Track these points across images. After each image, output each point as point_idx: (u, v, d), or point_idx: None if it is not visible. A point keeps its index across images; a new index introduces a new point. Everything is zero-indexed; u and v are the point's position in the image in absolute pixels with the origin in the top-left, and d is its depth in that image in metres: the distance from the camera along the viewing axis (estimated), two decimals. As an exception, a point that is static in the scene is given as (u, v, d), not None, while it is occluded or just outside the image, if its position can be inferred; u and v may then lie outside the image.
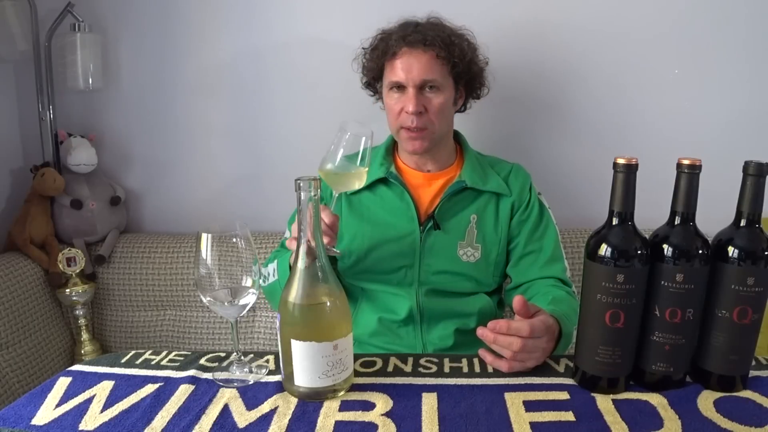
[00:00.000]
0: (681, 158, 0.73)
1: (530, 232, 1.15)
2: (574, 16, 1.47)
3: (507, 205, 1.15)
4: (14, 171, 1.61)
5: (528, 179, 1.20)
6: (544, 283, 1.10)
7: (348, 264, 1.17)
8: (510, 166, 1.21)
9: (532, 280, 1.12)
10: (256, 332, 1.52)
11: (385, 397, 0.77)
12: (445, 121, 1.13)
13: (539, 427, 0.70)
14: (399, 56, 1.08)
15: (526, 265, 1.14)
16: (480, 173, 1.16)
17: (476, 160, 1.19)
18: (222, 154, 1.65)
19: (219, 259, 0.79)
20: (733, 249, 0.74)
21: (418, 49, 1.07)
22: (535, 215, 1.16)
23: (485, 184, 1.15)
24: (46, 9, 1.52)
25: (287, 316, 0.76)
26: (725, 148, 1.35)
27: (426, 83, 1.07)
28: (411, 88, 1.07)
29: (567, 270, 1.15)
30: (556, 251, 1.15)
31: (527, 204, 1.16)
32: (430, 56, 1.07)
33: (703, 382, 0.79)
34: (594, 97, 1.52)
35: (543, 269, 1.12)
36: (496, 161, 1.22)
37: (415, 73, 1.07)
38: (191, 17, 1.56)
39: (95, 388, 0.81)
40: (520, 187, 1.17)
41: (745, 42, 1.45)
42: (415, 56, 1.07)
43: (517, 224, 1.15)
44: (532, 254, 1.14)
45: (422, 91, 1.08)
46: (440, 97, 1.09)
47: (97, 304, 1.58)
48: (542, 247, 1.14)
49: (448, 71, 1.10)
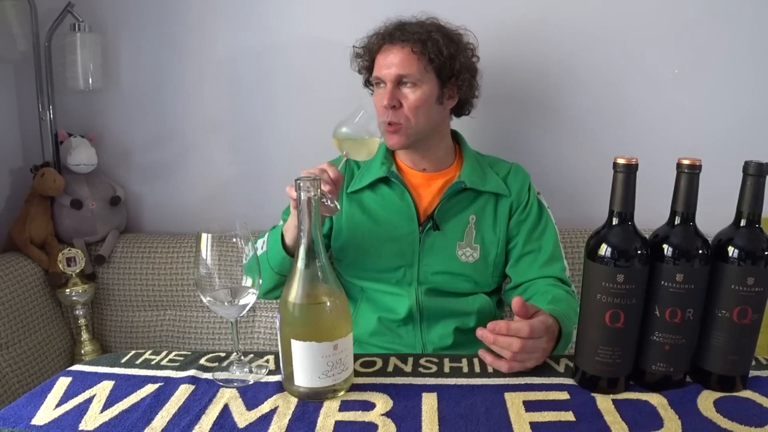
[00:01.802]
0: (681, 158, 0.73)
1: (529, 232, 1.15)
2: (574, 16, 1.47)
3: (506, 205, 1.15)
4: (14, 171, 1.61)
5: (527, 179, 1.19)
6: (543, 283, 1.10)
7: (347, 260, 1.17)
8: (509, 166, 1.21)
9: (532, 280, 1.12)
10: (256, 332, 1.52)
11: (385, 397, 0.77)
12: (424, 117, 1.10)
13: (539, 427, 0.70)
14: (380, 52, 1.11)
15: (525, 264, 1.14)
16: (479, 173, 1.16)
17: (475, 160, 1.19)
18: (222, 154, 1.65)
19: (219, 259, 0.79)
20: (733, 249, 0.74)
21: (396, 45, 1.09)
22: (533, 215, 1.16)
23: (484, 184, 1.15)
24: (46, 9, 1.52)
25: (287, 316, 0.76)
26: (725, 148, 1.35)
27: (401, 77, 1.08)
28: (388, 83, 1.08)
29: (566, 270, 1.15)
30: (556, 251, 1.15)
31: (526, 204, 1.16)
32: (406, 51, 1.08)
33: (703, 382, 0.79)
34: (594, 97, 1.52)
35: (542, 269, 1.12)
36: (495, 161, 1.22)
37: (392, 68, 1.08)
38: (191, 17, 1.56)
39: (95, 388, 0.81)
40: (519, 187, 1.17)
41: (745, 42, 1.45)
42: (393, 52, 1.09)
43: (516, 224, 1.16)
44: (532, 254, 1.14)
45: (398, 87, 1.09)
46: (417, 92, 1.08)
47: (97, 304, 1.58)
48: (541, 247, 1.14)
49: (425, 67, 1.09)
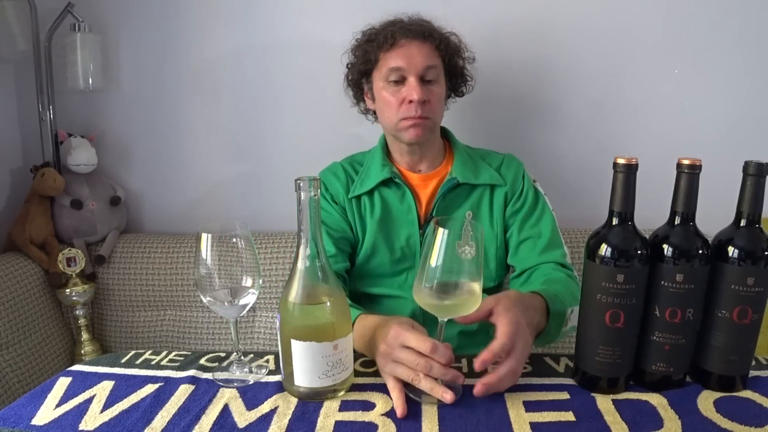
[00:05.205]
0: (681, 158, 0.73)
1: (525, 219, 1.13)
2: (574, 16, 1.47)
3: (501, 195, 1.14)
4: (14, 171, 1.61)
5: (521, 167, 1.18)
6: (543, 269, 1.08)
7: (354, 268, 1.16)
8: (502, 157, 1.20)
9: (534, 267, 1.10)
10: (256, 332, 1.52)
11: (385, 397, 0.77)
12: (441, 113, 1.14)
13: (539, 427, 0.70)
14: (399, 46, 1.09)
15: (525, 251, 1.12)
16: (471, 167, 1.15)
17: (466, 154, 1.18)
18: (222, 154, 1.65)
19: (219, 259, 0.79)
20: (733, 249, 0.74)
21: (417, 39, 1.08)
22: (529, 202, 1.14)
23: (477, 177, 1.14)
24: (46, 9, 1.52)
25: (287, 316, 0.76)
26: (725, 148, 1.35)
27: (428, 70, 1.08)
28: (413, 77, 1.07)
29: (567, 256, 1.12)
30: (555, 237, 1.13)
31: (521, 192, 1.15)
32: (430, 47, 1.09)
33: (703, 382, 0.79)
34: (594, 97, 1.52)
35: (542, 255, 1.10)
36: (487, 153, 1.21)
37: (418, 60, 1.07)
38: (191, 17, 1.56)
39: (95, 388, 0.81)
40: (513, 175, 1.16)
41: (745, 42, 1.45)
42: (415, 45, 1.08)
43: (512, 213, 1.14)
44: (530, 240, 1.12)
45: (423, 82, 1.08)
46: (439, 87, 1.10)
47: (97, 304, 1.58)
48: (540, 233, 1.12)
49: (443, 65, 1.12)
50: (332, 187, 1.17)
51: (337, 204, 1.16)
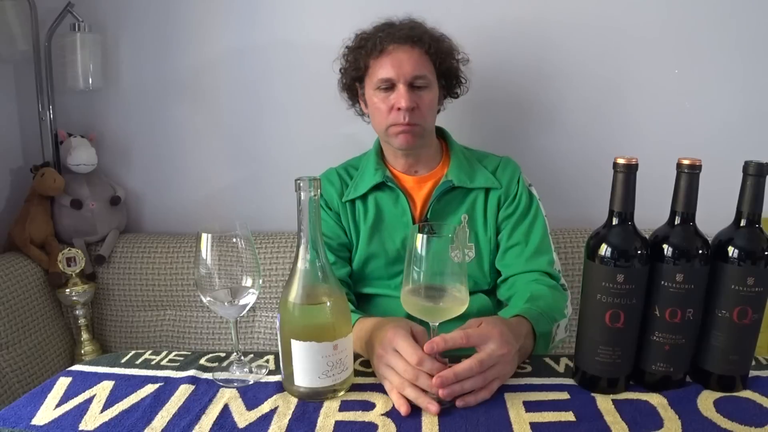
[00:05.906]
0: (681, 158, 0.73)
1: (516, 224, 1.13)
2: (573, 16, 1.47)
3: (495, 198, 1.14)
4: (14, 171, 1.61)
5: (517, 171, 1.17)
6: (525, 279, 1.07)
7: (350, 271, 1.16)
8: (498, 159, 1.19)
9: (516, 275, 1.10)
10: (256, 332, 1.52)
11: (385, 397, 0.77)
12: (432, 118, 1.12)
13: (539, 428, 0.70)
14: (387, 53, 1.07)
15: (511, 257, 1.12)
16: (467, 170, 1.14)
17: (463, 156, 1.17)
18: (222, 154, 1.65)
19: (219, 259, 0.79)
20: (733, 249, 0.74)
21: (406, 45, 1.07)
22: (522, 207, 1.13)
23: (473, 181, 1.13)
24: (46, 9, 1.52)
25: (287, 316, 0.76)
26: (725, 148, 1.35)
27: (416, 79, 1.07)
28: (402, 85, 1.06)
29: (555, 263, 1.12)
30: (543, 244, 1.12)
31: (514, 196, 1.14)
32: (419, 52, 1.07)
33: (703, 382, 0.79)
34: (594, 97, 1.52)
35: (528, 262, 1.09)
36: (485, 155, 1.20)
37: (406, 68, 1.06)
38: (191, 17, 1.56)
39: (95, 388, 0.81)
40: (509, 179, 1.15)
41: (745, 42, 1.45)
42: (404, 52, 1.07)
43: (504, 217, 1.14)
44: (518, 246, 1.12)
45: (412, 88, 1.07)
46: (430, 93, 1.09)
47: (97, 304, 1.58)
48: (529, 240, 1.11)
49: (434, 69, 1.10)
50: (326, 193, 1.17)
51: (331, 210, 1.17)
